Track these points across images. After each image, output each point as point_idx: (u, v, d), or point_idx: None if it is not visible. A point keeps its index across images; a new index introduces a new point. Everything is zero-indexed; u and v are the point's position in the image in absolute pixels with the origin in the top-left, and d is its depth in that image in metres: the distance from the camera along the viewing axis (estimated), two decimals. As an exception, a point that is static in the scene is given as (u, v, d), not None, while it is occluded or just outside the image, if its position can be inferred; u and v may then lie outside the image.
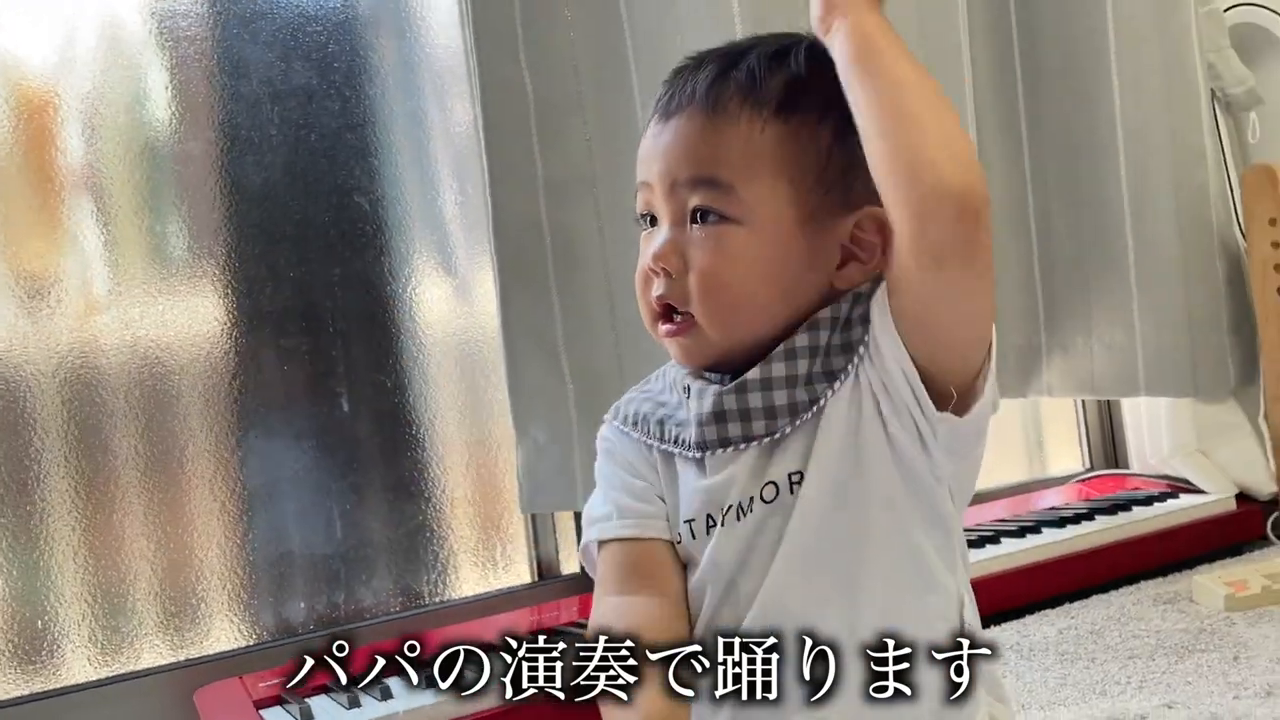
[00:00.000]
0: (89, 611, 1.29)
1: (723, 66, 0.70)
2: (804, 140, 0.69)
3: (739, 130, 0.68)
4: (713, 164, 0.68)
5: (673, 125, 0.70)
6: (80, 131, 1.32)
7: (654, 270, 0.70)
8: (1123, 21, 1.66)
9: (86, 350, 1.30)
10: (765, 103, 0.69)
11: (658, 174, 0.70)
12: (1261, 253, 1.67)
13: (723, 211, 0.68)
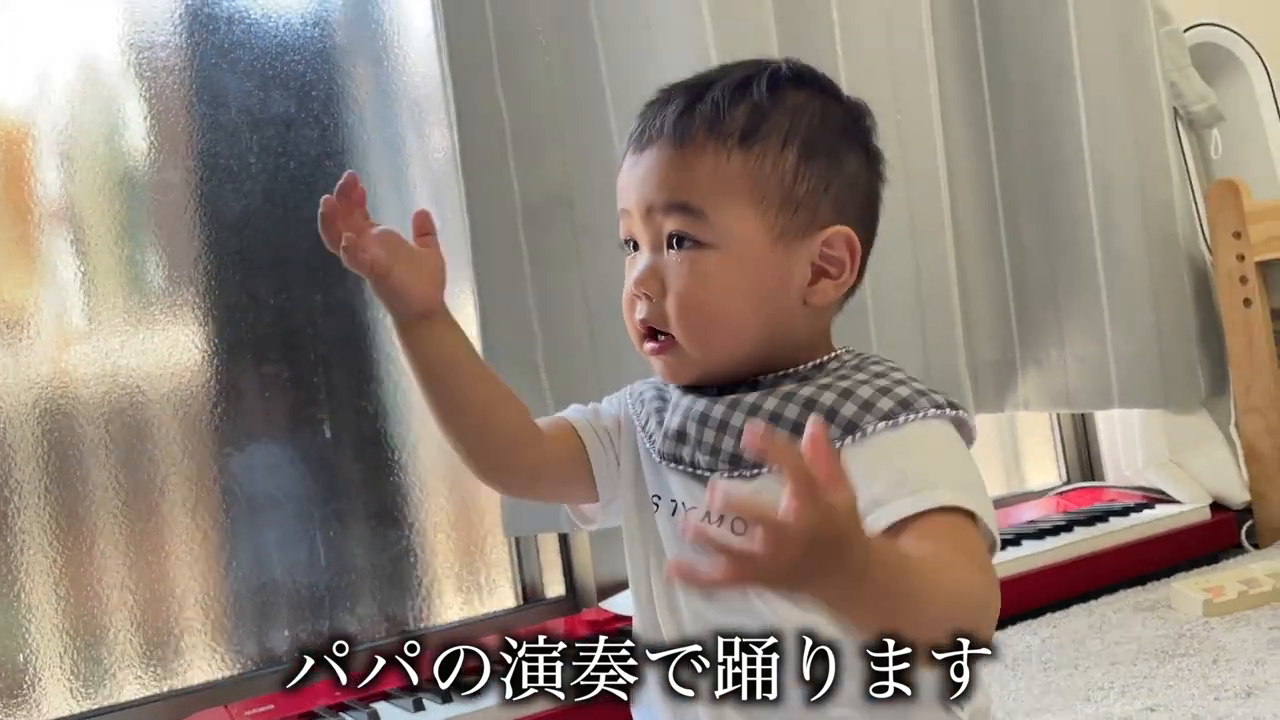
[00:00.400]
0: (70, 644, 1.28)
1: (689, 100, 0.74)
2: (768, 166, 0.72)
3: (706, 160, 0.72)
4: (684, 191, 0.72)
5: (646, 157, 0.74)
6: (57, 163, 1.33)
7: (636, 294, 0.75)
8: (1086, 42, 1.70)
9: (65, 381, 1.30)
10: (729, 134, 0.72)
11: (635, 201, 0.74)
12: (1227, 265, 1.71)
13: (696, 237, 0.72)
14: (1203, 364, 1.75)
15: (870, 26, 1.56)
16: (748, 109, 0.72)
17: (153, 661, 1.31)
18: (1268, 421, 1.68)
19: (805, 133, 0.73)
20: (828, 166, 0.73)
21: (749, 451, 0.57)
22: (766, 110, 0.73)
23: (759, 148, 0.72)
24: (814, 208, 0.73)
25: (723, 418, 0.72)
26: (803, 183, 0.72)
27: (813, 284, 0.73)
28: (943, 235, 1.62)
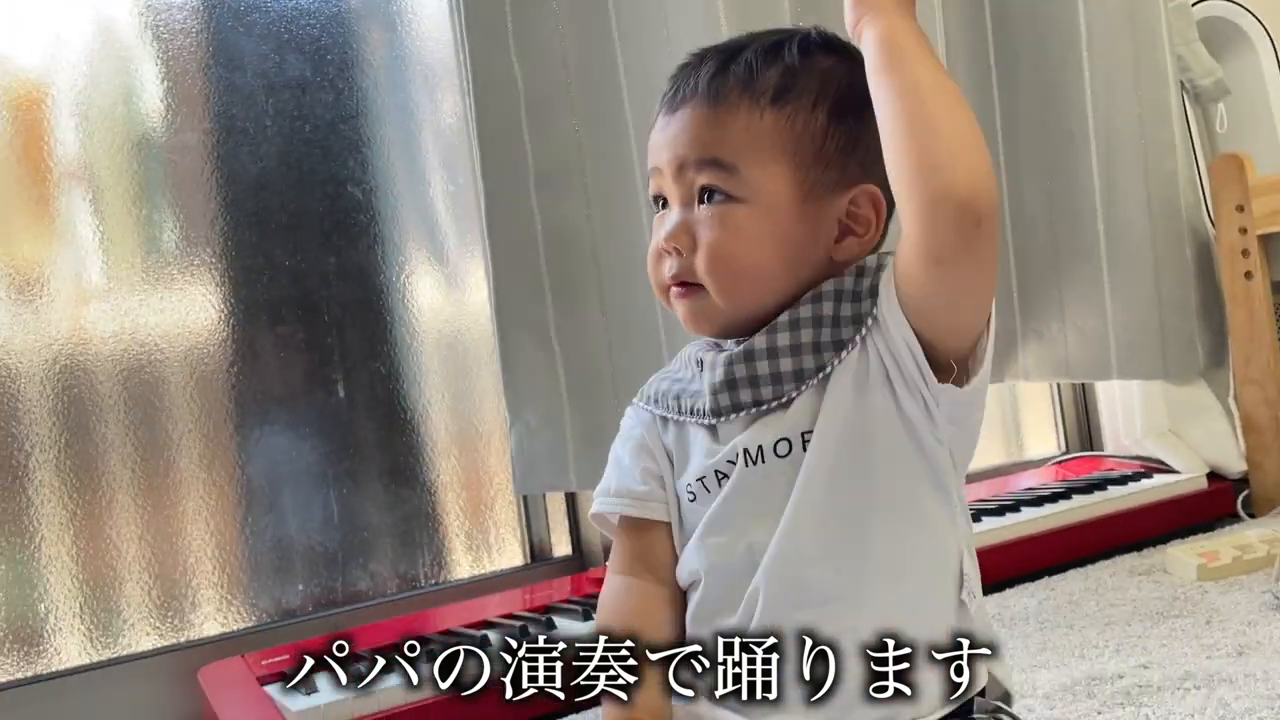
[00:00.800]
0: (88, 596, 1.30)
1: (722, 62, 0.76)
2: (799, 124, 0.74)
3: (739, 118, 0.74)
4: (717, 147, 0.73)
5: (679, 116, 0.76)
6: (75, 124, 1.34)
7: (666, 250, 0.75)
8: (1094, 15, 1.71)
9: (83, 338, 1.32)
10: (762, 92, 0.74)
11: (667, 160, 0.76)
12: (1230, 239, 1.72)
13: (728, 191, 0.73)
14: (1202, 336, 1.77)
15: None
16: (780, 70, 0.74)
17: (169, 614, 1.34)
18: (1266, 393, 1.71)
19: (835, 94, 0.74)
20: (856, 127, 0.75)
21: None
22: (798, 72, 0.75)
23: (791, 107, 0.74)
24: (842, 166, 0.74)
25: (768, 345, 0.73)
26: (832, 141, 0.74)
27: (839, 241, 0.75)
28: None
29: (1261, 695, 0.96)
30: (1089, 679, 1.05)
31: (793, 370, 0.72)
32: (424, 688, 1.12)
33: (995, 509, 1.59)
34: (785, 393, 0.72)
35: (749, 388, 0.73)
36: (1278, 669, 1.02)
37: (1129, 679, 1.04)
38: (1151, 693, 1.00)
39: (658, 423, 0.79)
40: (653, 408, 0.80)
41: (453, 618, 1.33)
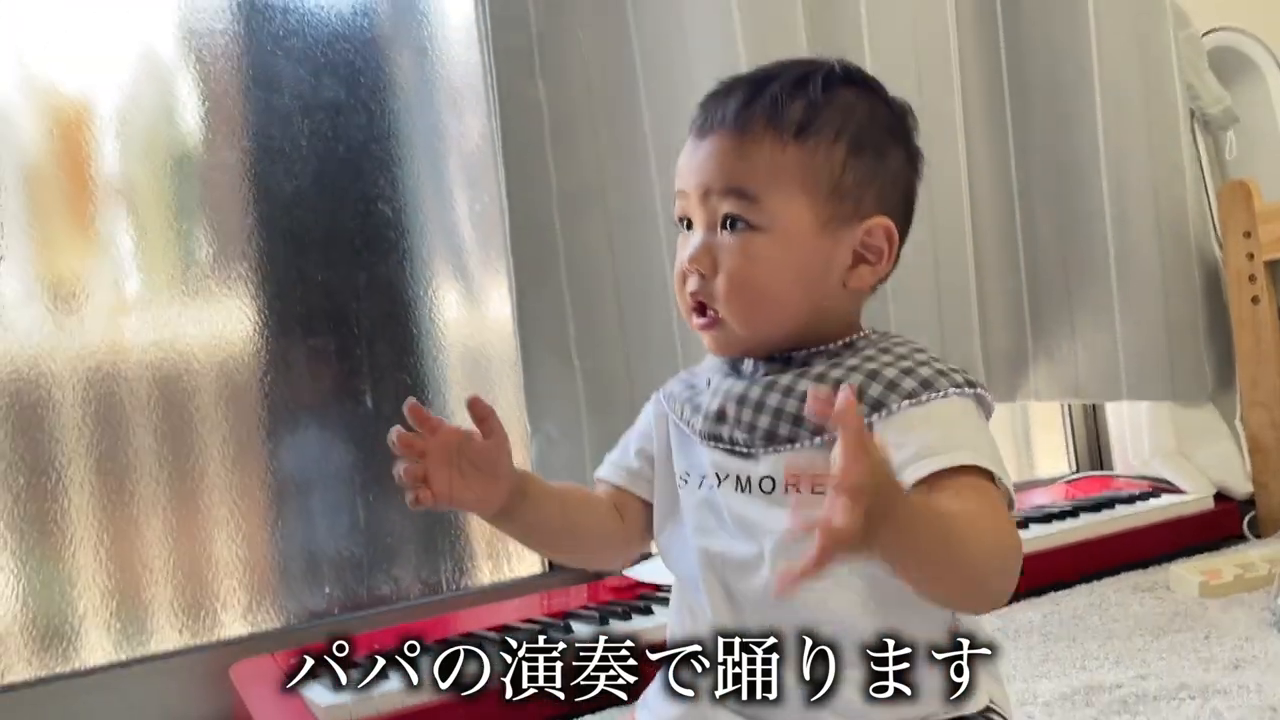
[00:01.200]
0: (123, 596, 1.35)
1: (750, 93, 0.80)
2: (820, 158, 0.78)
3: (763, 150, 0.78)
4: (741, 177, 0.78)
5: (707, 144, 0.80)
6: (116, 143, 1.40)
7: (689, 270, 0.80)
8: (1106, 43, 1.75)
9: (123, 348, 1.37)
10: (786, 126, 0.78)
11: (694, 185, 0.80)
12: (1237, 264, 1.76)
13: (749, 219, 0.78)
14: (1210, 359, 1.80)
15: (896, 24, 1.62)
16: (804, 105, 0.78)
17: (202, 613, 1.40)
18: (1272, 416, 1.74)
19: (855, 129, 0.79)
20: (873, 161, 0.79)
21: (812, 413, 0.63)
22: (821, 107, 0.78)
23: (813, 141, 0.78)
24: (859, 198, 0.78)
25: (759, 398, 0.78)
26: (850, 175, 0.78)
27: (852, 269, 0.79)
28: (961, 226, 1.67)
29: (1254, 706, 0.99)
30: (1088, 689, 1.08)
31: (765, 430, 0.76)
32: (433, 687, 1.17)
33: (1004, 525, 1.62)
34: (755, 442, 0.77)
35: (731, 426, 0.78)
36: (1271, 682, 1.05)
37: (1127, 689, 1.07)
38: (1148, 702, 1.03)
39: (667, 417, 0.85)
40: (666, 404, 0.86)
41: (472, 622, 1.38)
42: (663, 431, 0.86)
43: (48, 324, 1.33)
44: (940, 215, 1.65)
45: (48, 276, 1.35)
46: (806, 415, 0.72)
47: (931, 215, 1.65)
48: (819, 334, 0.81)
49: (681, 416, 0.83)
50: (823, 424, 0.74)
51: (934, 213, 1.65)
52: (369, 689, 1.15)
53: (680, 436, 0.83)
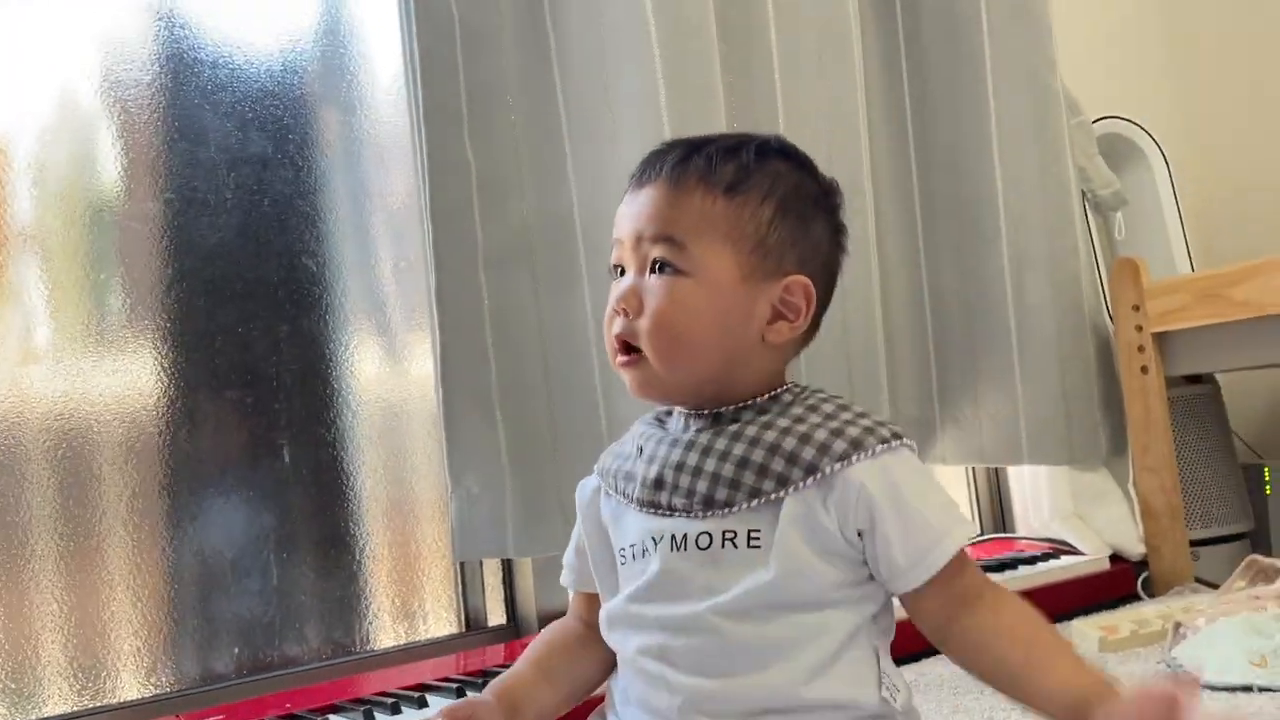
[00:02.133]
0: (17, 658, 1.30)
1: (687, 152, 0.85)
2: (747, 214, 0.83)
3: (694, 201, 0.83)
4: (671, 225, 0.82)
5: (643, 194, 0.85)
6: (30, 190, 1.38)
7: (616, 310, 0.83)
8: (1004, 126, 1.86)
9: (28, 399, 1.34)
10: (718, 183, 0.83)
11: (628, 232, 0.84)
12: (1127, 336, 1.86)
13: (676, 265, 0.82)
14: (1104, 425, 1.89)
15: (810, 98, 1.69)
16: (736, 166, 0.84)
17: (102, 675, 1.35)
18: (1162, 481, 1.83)
19: (782, 194, 0.84)
20: (797, 225, 0.84)
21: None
22: (752, 170, 0.84)
23: (741, 198, 0.83)
24: (780, 257, 0.83)
25: (696, 464, 0.80)
26: (774, 233, 0.83)
27: (771, 323, 0.83)
28: (871, 295, 1.74)
29: (1151, 750, 1.03)
30: (996, 737, 1.12)
31: (704, 495, 0.79)
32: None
33: (913, 585, 1.66)
34: (693, 507, 0.80)
35: (669, 492, 0.81)
36: (1167, 728, 1.10)
37: (1033, 737, 1.11)
38: (1053, 749, 1.07)
39: (598, 496, 0.88)
40: (600, 479, 0.89)
41: (390, 681, 1.36)
42: (594, 514, 0.88)
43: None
44: (850, 284, 1.71)
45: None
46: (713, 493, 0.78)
47: (841, 284, 1.68)
48: (741, 385, 0.83)
49: (616, 488, 0.85)
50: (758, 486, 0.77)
51: (844, 282, 1.68)
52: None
53: (615, 509, 0.85)
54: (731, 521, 0.78)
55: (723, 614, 0.77)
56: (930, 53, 1.88)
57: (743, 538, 0.78)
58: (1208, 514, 1.96)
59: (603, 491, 0.87)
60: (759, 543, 0.78)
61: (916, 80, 1.89)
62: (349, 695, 1.30)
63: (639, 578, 0.82)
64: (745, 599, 0.77)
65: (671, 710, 0.78)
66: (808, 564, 0.77)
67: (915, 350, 1.87)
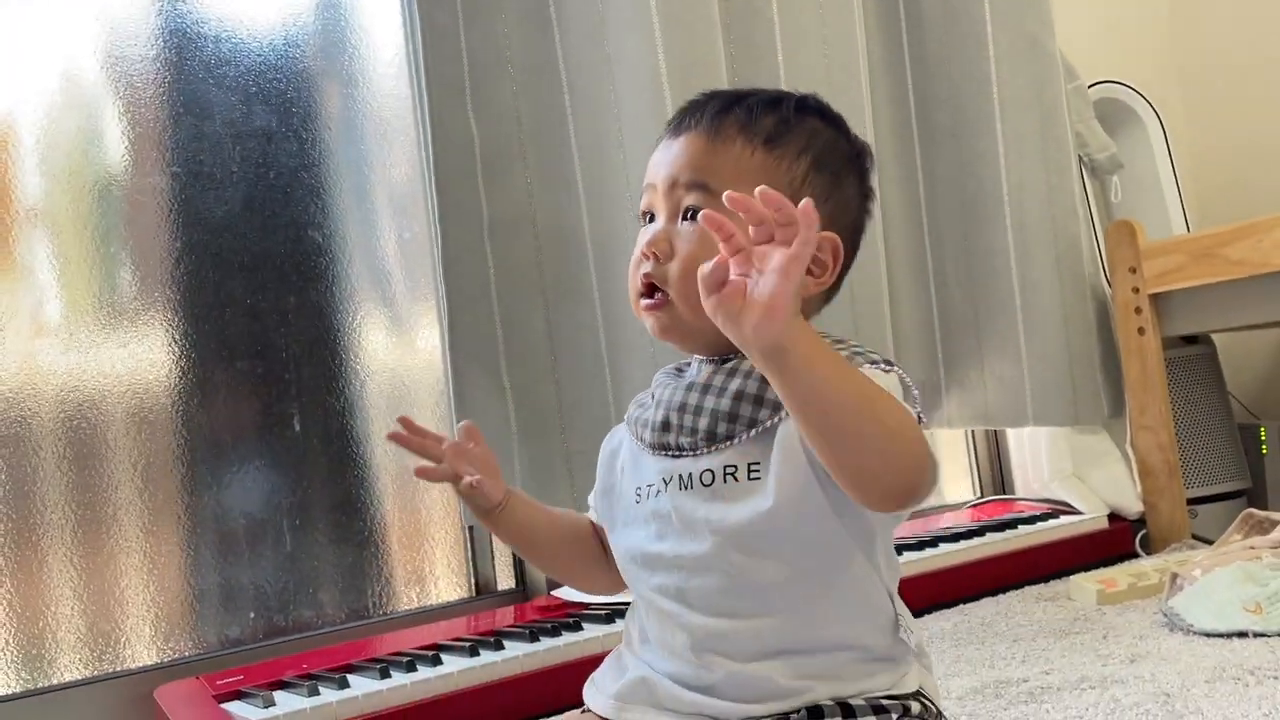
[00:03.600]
0: (35, 626, 1.33)
1: (727, 102, 0.86)
2: (784, 168, 0.83)
3: (733, 152, 0.83)
4: (708, 173, 0.82)
5: (680, 141, 0.85)
6: (38, 167, 1.40)
7: (646, 254, 0.83)
8: (1005, 92, 1.87)
9: (40, 373, 1.36)
10: (757, 134, 0.83)
11: (662, 177, 0.84)
12: (1124, 297, 1.88)
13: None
14: (1104, 387, 1.91)
15: (811, 69, 1.70)
16: (776, 119, 0.84)
17: (122, 640, 1.37)
18: (1159, 439, 1.85)
19: (818, 151, 0.84)
20: (831, 183, 0.84)
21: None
22: (792, 124, 0.84)
23: (779, 151, 0.83)
24: None
25: (697, 403, 0.82)
26: (808, 188, 0.83)
27: None
28: (877, 264, 1.76)
29: (1149, 693, 1.06)
30: (996, 683, 1.15)
31: (706, 431, 0.81)
32: (377, 699, 1.18)
33: (915, 544, 1.69)
34: (698, 445, 0.81)
35: (676, 433, 0.83)
36: (1164, 671, 1.13)
37: (1032, 682, 1.14)
38: (1052, 693, 1.10)
39: (621, 445, 0.90)
40: (627, 428, 0.90)
41: (404, 641, 1.38)
42: (609, 458, 0.90)
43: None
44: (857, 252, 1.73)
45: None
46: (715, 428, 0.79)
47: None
48: None
49: (637, 435, 0.87)
50: (754, 416, 0.79)
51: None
52: (299, 706, 1.16)
53: (634, 454, 0.87)
54: (732, 455, 0.80)
55: (728, 548, 0.79)
56: (930, 19, 1.89)
57: (743, 471, 0.79)
58: (1205, 472, 1.99)
59: (627, 438, 0.89)
60: (759, 473, 0.79)
61: (917, 47, 1.90)
62: (365, 655, 1.33)
63: (653, 519, 0.84)
64: (747, 529, 0.78)
65: (685, 649, 0.80)
66: (805, 487, 0.77)
67: (920, 315, 1.89)
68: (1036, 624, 1.39)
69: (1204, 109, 2.36)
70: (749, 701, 0.78)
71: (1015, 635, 1.35)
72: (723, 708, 0.79)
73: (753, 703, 0.78)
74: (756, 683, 0.78)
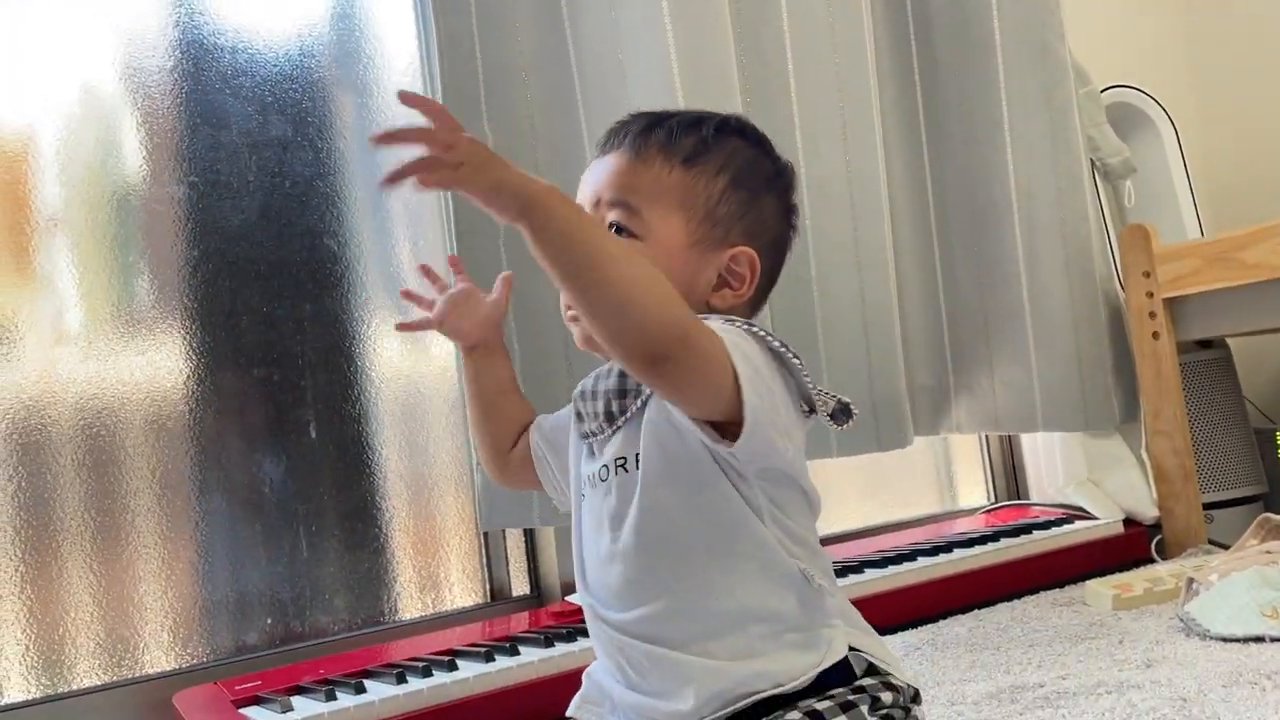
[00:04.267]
0: (51, 633, 1.34)
1: (650, 123, 0.89)
2: (700, 186, 0.87)
3: (652, 170, 0.86)
4: (628, 191, 0.86)
5: (604, 161, 0.89)
6: (57, 177, 1.41)
7: None
8: (1014, 98, 1.88)
9: (59, 381, 1.37)
10: (677, 153, 0.87)
11: (587, 196, 0.88)
12: (1138, 302, 1.88)
13: (630, 228, 0.86)
14: (1116, 391, 1.91)
15: (822, 76, 1.71)
16: (696, 139, 0.88)
17: (139, 647, 1.38)
18: (1174, 444, 1.84)
19: (736, 169, 0.88)
20: (748, 200, 0.88)
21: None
22: (711, 144, 0.88)
23: (697, 169, 0.87)
24: (728, 228, 0.87)
25: (592, 387, 0.87)
26: (724, 206, 0.87)
27: (716, 290, 0.86)
28: (886, 269, 1.76)
29: (1165, 698, 1.06)
30: (1013, 688, 1.14)
31: (604, 413, 0.85)
32: (393, 704, 1.19)
33: (929, 550, 1.69)
34: (602, 428, 0.85)
35: (588, 420, 0.87)
36: (1181, 676, 1.12)
37: (1049, 687, 1.14)
38: (1068, 698, 1.10)
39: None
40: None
41: (420, 647, 1.39)
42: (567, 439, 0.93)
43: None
44: (865, 255, 1.74)
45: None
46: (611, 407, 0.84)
47: (858, 258, 1.73)
48: None
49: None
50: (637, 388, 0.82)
51: (860, 256, 1.73)
52: (317, 711, 1.17)
53: (576, 445, 0.91)
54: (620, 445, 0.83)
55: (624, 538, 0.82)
56: (939, 26, 1.90)
57: (632, 461, 0.82)
58: (1221, 477, 1.98)
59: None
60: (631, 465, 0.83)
61: (926, 51, 1.91)
62: (380, 661, 1.33)
63: (584, 516, 0.88)
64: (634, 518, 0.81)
65: (610, 646, 0.83)
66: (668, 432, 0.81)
67: (929, 320, 1.90)
68: (1052, 629, 1.39)
69: (1217, 113, 2.36)
70: (673, 696, 0.79)
71: (1031, 640, 1.35)
72: (653, 706, 0.80)
73: (678, 698, 0.78)
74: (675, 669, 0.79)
